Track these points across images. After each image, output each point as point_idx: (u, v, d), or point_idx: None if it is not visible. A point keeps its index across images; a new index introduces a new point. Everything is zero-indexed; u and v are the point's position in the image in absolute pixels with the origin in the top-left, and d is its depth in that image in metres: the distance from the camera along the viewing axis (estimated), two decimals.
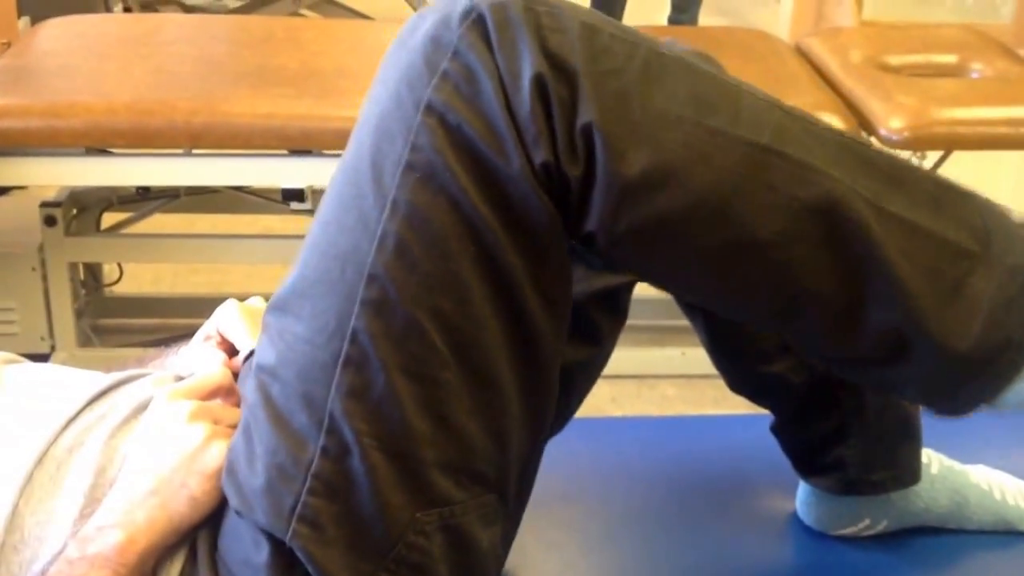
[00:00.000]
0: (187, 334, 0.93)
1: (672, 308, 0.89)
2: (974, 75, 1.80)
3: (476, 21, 0.68)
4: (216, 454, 0.73)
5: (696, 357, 1.91)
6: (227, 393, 0.80)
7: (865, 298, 0.73)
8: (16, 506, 0.73)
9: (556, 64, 0.68)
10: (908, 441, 0.97)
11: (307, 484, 0.70)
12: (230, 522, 0.74)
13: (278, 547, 0.71)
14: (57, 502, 0.74)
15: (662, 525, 1.01)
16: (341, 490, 0.70)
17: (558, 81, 0.67)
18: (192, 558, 0.75)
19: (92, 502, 0.74)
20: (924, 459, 0.99)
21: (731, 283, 0.74)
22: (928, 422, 0.97)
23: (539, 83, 0.67)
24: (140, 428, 0.77)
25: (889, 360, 0.76)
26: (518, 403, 0.74)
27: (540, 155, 0.68)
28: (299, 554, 0.70)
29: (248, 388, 0.74)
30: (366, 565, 0.71)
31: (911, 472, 0.98)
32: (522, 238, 0.70)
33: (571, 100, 0.68)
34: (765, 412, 1.00)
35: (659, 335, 1.93)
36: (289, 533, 0.70)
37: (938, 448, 1.01)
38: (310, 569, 0.70)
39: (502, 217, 0.69)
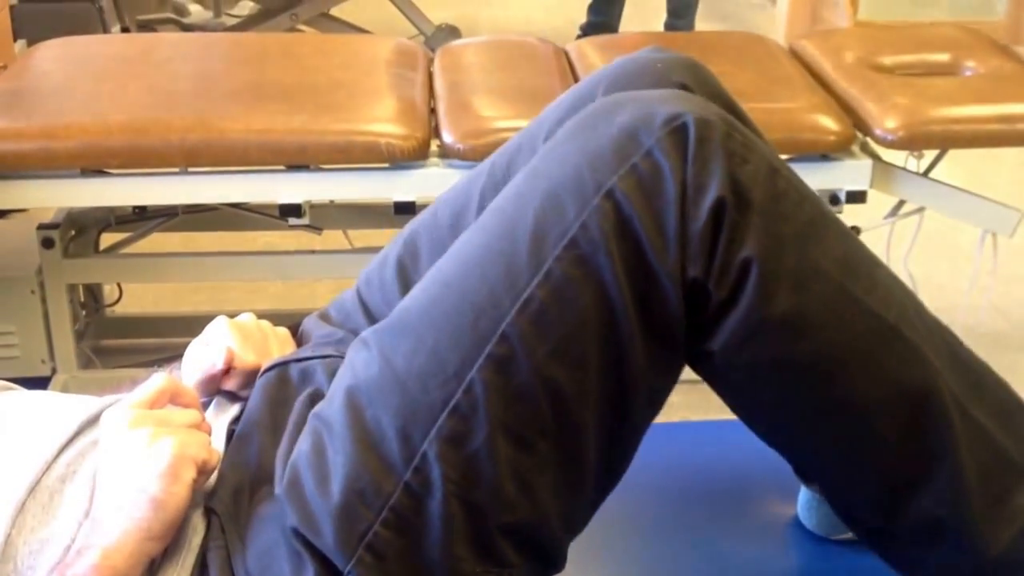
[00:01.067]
0: (176, 357, 0.92)
1: None
2: (968, 73, 1.80)
3: (679, 129, 0.71)
4: (166, 449, 0.72)
5: None
6: (173, 397, 0.79)
7: (922, 484, 0.78)
8: (9, 536, 0.73)
9: (739, 193, 0.71)
10: None
11: (382, 515, 0.71)
12: (265, 541, 0.73)
13: (326, 571, 0.71)
14: (51, 531, 0.74)
15: (663, 530, 1.01)
16: (413, 528, 0.71)
17: (736, 209, 0.71)
18: (201, 572, 0.74)
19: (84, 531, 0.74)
20: None
21: (811, 434, 0.79)
22: None
23: (719, 205, 0.71)
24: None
25: (918, 542, 0.81)
26: (593, 487, 0.77)
27: (695, 269, 0.71)
28: None
29: (326, 404, 0.74)
30: None
31: None
32: (651, 337, 0.72)
33: (740, 230, 0.71)
34: None
35: None
36: (353, 560, 0.71)
37: None
38: None
39: (641, 312, 0.71)
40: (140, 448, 0.73)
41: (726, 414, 1.99)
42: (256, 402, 0.82)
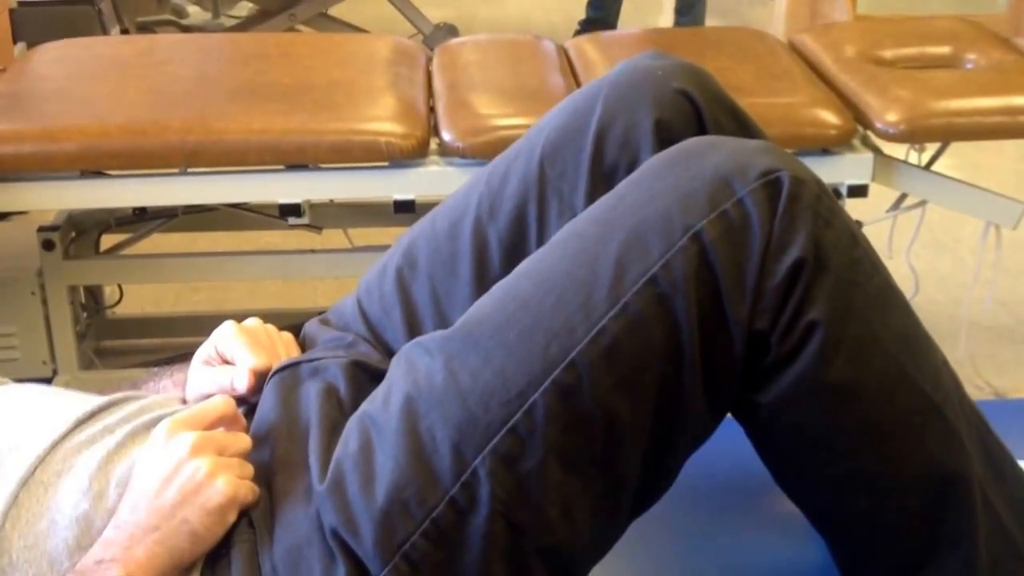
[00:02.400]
0: (183, 354, 0.93)
1: None
2: (969, 66, 1.79)
3: (773, 183, 0.72)
4: (221, 488, 0.73)
5: None
6: (231, 422, 0.79)
7: (936, 564, 0.78)
8: (3, 528, 0.73)
9: (819, 255, 0.72)
10: None
11: (423, 526, 0.71)
12: (295, 538, 0.73)
13: (358, 573, 0.71)
14: (46, 526, 0.73)
15: (672, 531, 1.00)
16: (453, 542, 0.71)
17: (813, 271, 0.72)
18: (227, 572, 0.74)
19: (89, 531, 0.73)
20: None
21: (837, 500, 0.80)
22: None
23: (799, 265, 0.72)
24: (141, 455, 0.76)
25: None
26: (626, 515, 0.78)
27: (761, 322, 0.72)
28: None
29: (390, 410, 0.74)
30: None
31: None
32: (711, 381, 0.73)
33: (813, 292, 0.72)
34: None
35: None
36: (388, 567, 0.71)
37: None
38: None
39: (707, 356, 0.72)
40: (197, 478, 0.73)
41: None
42: (270, 401, 0.82)
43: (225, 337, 0.88)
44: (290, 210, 1.64)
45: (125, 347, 1.98)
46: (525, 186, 0.89)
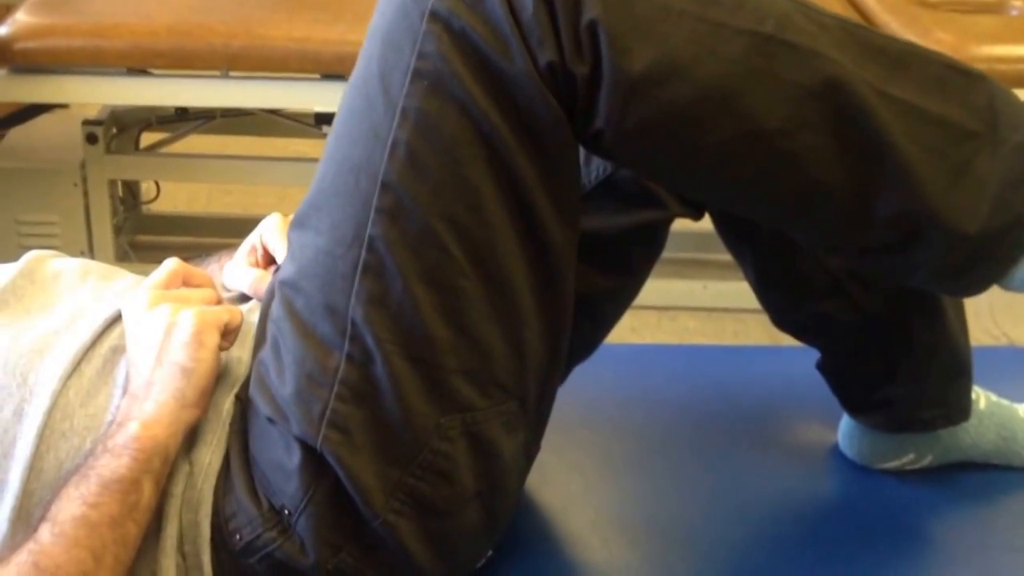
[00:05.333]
0: (224, 247, 0.95)
1: (696, 241, 0.86)
2: (1014, 12, 1.77)
3: None
4: (187, 319, 0.75)
5: (718, 290, 1.92)
6: (186, 279, 0.82)
7: (873, 185, 0.73)
8: (66, 394, 0.76)
9: None
10: (958, 379, 0.97)
11: (334, 390, 0.72)
12: (261, 428, 0.76)
13: (309, 453, 0.73)
14: (104, 400, 0.77)
15: (685, 450, 1.01)
16: (367, 396, 0.72)
17: None
18: (228, 459, 0.77)
19: None
20: (972, 395, 0.98)
21: (739, 177, 0.74)
22: (979, 362, 0.96)
23: None
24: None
25: (900, 247, 0.77)
26: (535, 313, 0.75)
27: (545, 55, 0.68)
28: (329, 459, 0.73)
29: (274, 303, 0.76)
30: (393, 471, 0.73)
31: (960, 410, 0.97)
32: (531, 141, 0.70)
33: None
34: (790, 344, 0.99)
35: (682, 268, 1.92)
36: (320, 439, 0.72)
37: (986, 387, 1.00)
38: (340, 474, 0.73)
39: (510, 120, 0.69)
40: (162, 323, 0.75)
41: (740, 341, 2.00)
42: (268, 298, 0.85)
43: (270, 230, 0.90)
44: (326, 118, 1.68)
45: (158, 243, 2.04)
46: None
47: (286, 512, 0.74)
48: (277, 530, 0.75)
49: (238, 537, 0.75)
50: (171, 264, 0.82)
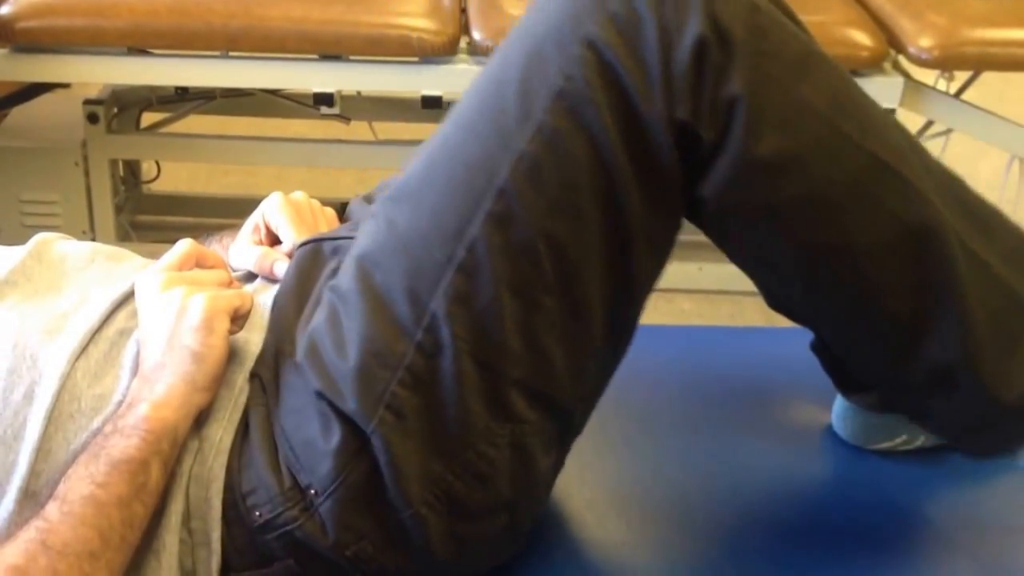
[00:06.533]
0: (225, 226, 0.95)
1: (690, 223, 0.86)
2: None
3: None
4: (198, 303, 0.75)
5: (713, 272, 1.93)
6: (199, 260, 0.82)
7: (931, 328, 0.76)
8: (74, 376, 0.76)
9: (719, 31, 0.70)
10: None
11: (398, 374, 0.72)
12: (296, 401, 0.76)
13: (352, 435, 0.73)
14: (111, 381, 0.77)
15: (682, 430, 1.01)
16: (428, 386, 0.73)
17: (718, 47, 0.70)
18: (244, 431, 0.77)
19: None
20: None
21: (815, 280, 0.77)
22: None
23: (700, 44, 0.69)
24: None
25: (933, 392, 0.80)
26: (601, 342, 0.76)
27: (682, 111, 0.70)
28: (378, 442, 0.73)
29: (342, 275, 0.76)
30: (436, 464, 0.74)
31: None
32: (647, 184, 0.72)
33: (725, 69, 0.70)
34: (785, 325, 0.97)
35: (678, 249, 1.90)
36: (375, 420, 0.73)
37: None
38: (383, 459, 0.73)
39: (635, 159, 0.71)
40: (174, 306, 0.76)
41: (736, 323, 1.99)
42: (290, 274, 0.86)
43: (272, 208, 0.91)
44: (324, 99, 1.68)
45: (159, 223, 2.05)
46: None
47: (312, 492, 0.75)
48: (299, 508, 0.75)
49: (257, 514, 0.75)
50: (185, 245, 0.82)
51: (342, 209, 0.97)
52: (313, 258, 0.86)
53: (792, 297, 0.83)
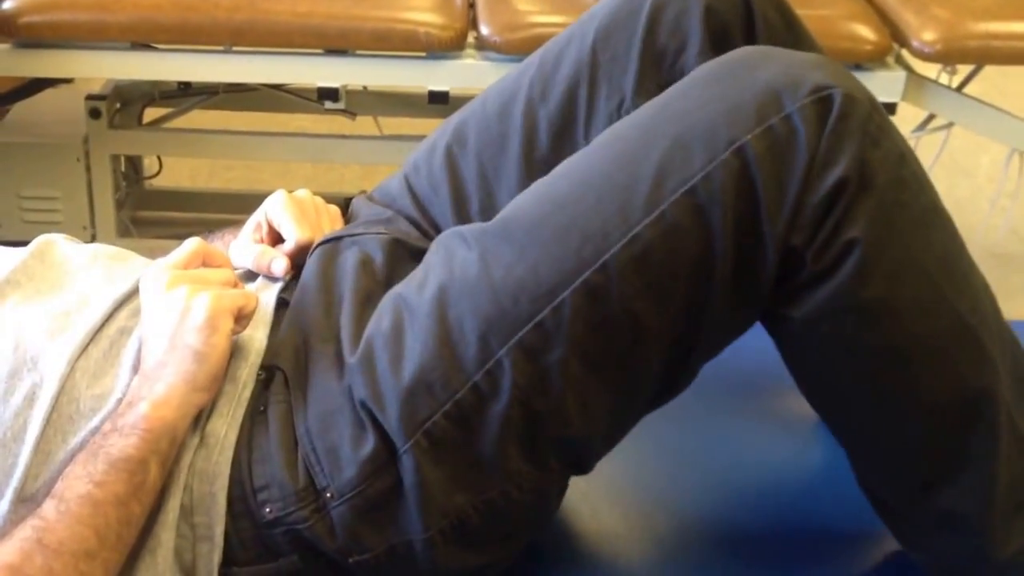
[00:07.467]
0: (227, 224, 0.96)
1: None
2: None
3: (824, 100, 0.70)
4: (203, 303, 0.75)
5: None
6: (206, 259, 0.82)
7: (953, 480, 0.79)
8: (72, 376, 0.76)
9: (864, 174, 0.70)
10: None
11: (446, 407, 0.73)
12: (328, 404, 0.76)
13: (384, 447, 0.74)
14: (111, 380, 0.77)
15: (673, 421, 0.99)
16: (473, 424, 0.74)
17: (857, 189, 0.70)
18: (264, 430, 0.77)
19: None
20: None
21: (863, 416, 0.79)
22: None
23: (841, 184, 0.70)
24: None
25: (931, 530, 0.82)
26: (639, 415, 0.80)
27: (797, 236, 0.71)
28: (408, 463, 0.74)
29: (421, 295, 0.75)
30: (460, 497, 0.75)
31: None
32: (738, 292, 0.73)
33: (855, 211, 0.70)
34: None
35: None
36: (411, 442, 0.73)
37: None
38: (408, 481, 0.74)
39: (738, 268, 0.72)
40: (178, 305, 0.75)
41: None
42: (311, 271, 0.85)
43: (275, 206, 0.91)
44: (329, 94, 1.67)
45: (160, 219, 2.04)
46: (577, 69, 0.89)
47: (328, 495, 0.75)
48: (310, 509, 0.75)
49: (267, 510, 0.75)
50: (192, 244, 0.82)
51: (346, 206, 0.97)
52: (331, 254, 0.86)
53: (832, 416, 0.85)
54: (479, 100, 0.95)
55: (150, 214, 2.04)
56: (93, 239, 1.84)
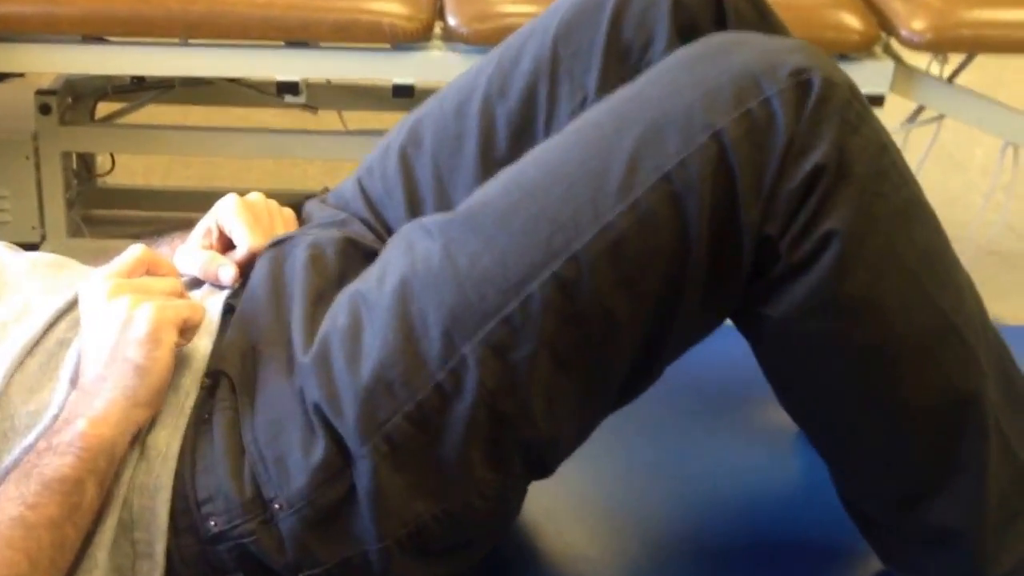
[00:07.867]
0: (179, 226, 0.92)
1: None
2: None
3: (803, 84, 0.69)
4: (145, 315, 0.73)
5: None
6: (151, 268, 0.79)
7: (942, 491, 0.77)
8: (6, 393, 0.73)
9: (842, 162, 0.69)
10: None
11: (407, 408, 0.70)
12: (277, 408, 0.73)
13: (336, 453, 0.71)
14: (48, 394, 0.75)
15: (645, 435, 1.00)
16: (435, 426, 0.71)
17: (834, 178, 0.69)
18: (209, 439, 0.74)
19: None
20: None
21: (846, 420, 0.77)
22: None
23: (818, 171, 0.68)
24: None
25: (922, 547, 0.81)
26: (604, 415, 0.77)
27: (772, 226, 0.69)
28: (364, 468, 0.71)
29: (384, 289, 0.73)
30: (419, 505, 0.72)
31: None
32: (713, 286, 0.71)
33: (832, 200, 0.69)
34: None
35: None
36: (368, 445, 0.70)
37: None
38: (364, 487, 0.71)
39: (712, 258, 0.70)
40: (119, 316, 0.73)
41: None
42: (260, 274, 0.82)
43: (226, 211, 0.87)
44: (288, 87, 1.64)
45: (113, 217, 2.00)
46: (537, 65, 0.87)
47: (276, 506, 0.72)
48: (258, 522, 0.72)
49: (212, 523, 0.72)
50: (136, 251, 0.78)
51: (299, 208, 0.94)
52: (280, 256, 0.84)
53: (814, 424, 0.82)
54: (436, 98, 0.92)
55: (103, 213, 2.00)
56: (43, 239, 1.80)
